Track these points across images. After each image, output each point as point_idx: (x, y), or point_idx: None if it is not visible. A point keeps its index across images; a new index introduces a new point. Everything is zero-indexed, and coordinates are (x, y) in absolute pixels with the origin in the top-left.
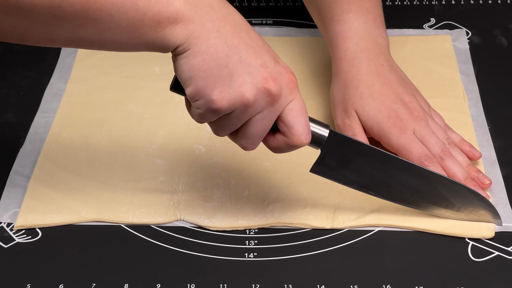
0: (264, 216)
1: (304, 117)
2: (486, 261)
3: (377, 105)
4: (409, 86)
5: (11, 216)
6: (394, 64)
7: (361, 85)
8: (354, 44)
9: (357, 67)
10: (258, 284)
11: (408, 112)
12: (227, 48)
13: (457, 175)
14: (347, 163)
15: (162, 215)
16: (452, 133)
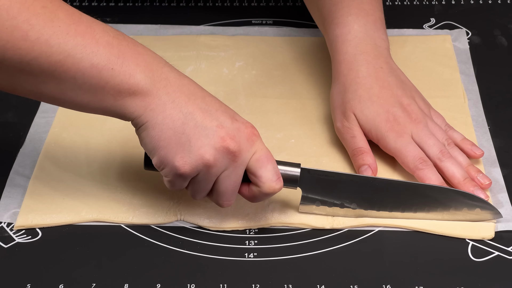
0: (264, 216)
1: (271, 165)
2: (486, 261)
3: (376, 108)
4: (408, 88)
5: (11, 216)
6: (394, 66)
7: (359, 88)
8: (353, 47)
9: (356, 70)
10: (258, 284)
11: (406, 115)
12: (183, 116)
13: (456, 175)
14: (330, 195)
15: (162, 215)
16: (454, 133)
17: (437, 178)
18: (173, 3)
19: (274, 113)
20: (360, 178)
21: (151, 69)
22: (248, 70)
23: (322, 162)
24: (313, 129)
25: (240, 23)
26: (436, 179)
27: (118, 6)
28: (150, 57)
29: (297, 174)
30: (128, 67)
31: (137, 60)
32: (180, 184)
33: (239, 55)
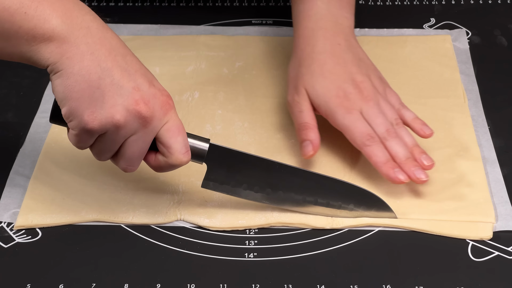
0: (264, 216)
1: (182, 136)
2: (486, 261)
3: (327, 84)
4: (365, 65)
5: (11, 216)
6: (354, 43)
7: (313, 64)
8: (313, 22)
9: (313, 45)
10: (258, 284)
11: (357, 92)
12: (100, 71)
13: (399, 155)
14: (235, 175)
15: (162, 215)
16: (406, 112)
17: (383, 155)
18: (173, 3)
19: (274, 113)
20: (267, 162)
21: (70, 16)
22: (248, 70)
23: (322, 162)
24: None
25: (240, 23)
26: (382, 156)
27: (118, 6)
28: (71, 3)
29: (204, 149)
30: (43, 12)
31: (54, 5)
32: (86, 140)
33: (239, 55)
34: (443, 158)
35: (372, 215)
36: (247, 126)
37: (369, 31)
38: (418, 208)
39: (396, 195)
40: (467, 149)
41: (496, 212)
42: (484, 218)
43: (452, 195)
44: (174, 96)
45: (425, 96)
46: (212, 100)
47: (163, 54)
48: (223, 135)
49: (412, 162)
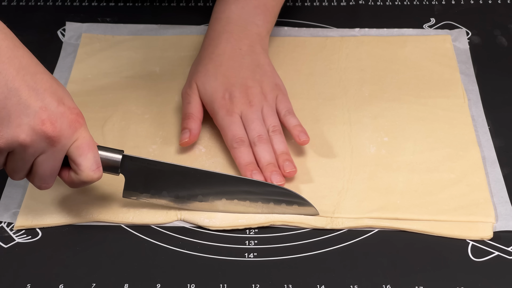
0: (264, 215)
1: (92, 153)
2: (486, 261)
3: (217, 85)
4: (260, 72)
5: (11, 216)
6: (257, 50)
7: (210, 63)
8: (221, 25)
9: (214, 47)
10: (258, 284)
11: (242, 96)
12: (7, 91)
13: (262, 160)
14: (154, 183)
15: (162, 215)
16: (290, 119)
17: (247, 157)
18: (173, 3)
19: None
20: (182, 168)
21: None
22: None
23: (322, 162)
24: (313, 129)
25: None
26: (246, 158)
27: (118, 6)
28: None
29: (118, 160)
30: None
31: None
32: None
33: None
34: (443, 158)
35: (294, 211)
36: None
37: (369, 31)
38: (418, 208)
39: (396, 195)
40: (467, 149)
41: (496, 212)
42: (484, 218)
43: (452, 195)
44: (174, 96)
45: (425, 96)
46: None
47: (163, 54)
48: None
49: (272, 168)
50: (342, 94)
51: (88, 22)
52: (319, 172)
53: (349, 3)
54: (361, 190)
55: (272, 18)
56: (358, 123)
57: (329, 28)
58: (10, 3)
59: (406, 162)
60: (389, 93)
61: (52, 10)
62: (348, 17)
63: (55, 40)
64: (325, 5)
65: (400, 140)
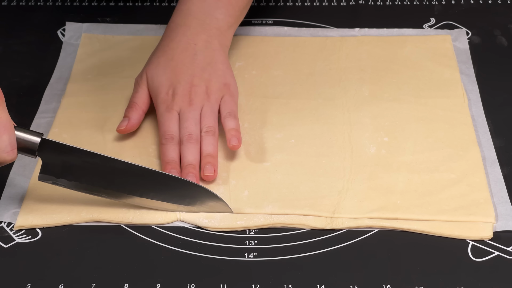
0: (263, 216)
1: (7, 135)
2: (486, 261)
3: (164, 79)
4: (211, 70)
5: (11, 216)
6: (214, 46)
7: (162, 56)
8: (181, 17)
9: (170, 39)
10: (258, 284)
11: (185, 94)
12: None
13: (183, 160)
14: (71, 169)
15: (162, 215)
16: (228, 121)
17: (171, 155)
18: (173, 3)
19: (274, 113)
20: (100, 157)
21: None
22: (248, 70)
23: (322, 162)
24: (313, 129)
25: (240, 23)
26: (169, 156)
27: (118, 6)
28: None
29: (35, 143)
30: None
31: None
32: None
33: (239, 55)
34: (443, 158)
35: (208, 209)
36: (247, 126)
37: (369, 31)
38: (418, 208)
39: (396, 195)
40: (467, 149)
41: (496, 212)
42: (484, 218)
43: (452, 195)
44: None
45: (425, 96)
46: None
47: None
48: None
49: (190, 169)
50: (342, 94)
51: (88, 22)
52: (319, 172)
53: (349, 3)
54: (361, 190)
55: (236, 12)
56: (358, 123)
57: (329, 28)
58: (10, 3)
59: (406, 162)
60: (389, 93)
61: (52, 10)
62: (348, 17)
63: (55, 40)
64: (325, 5)
65: (400, 140)
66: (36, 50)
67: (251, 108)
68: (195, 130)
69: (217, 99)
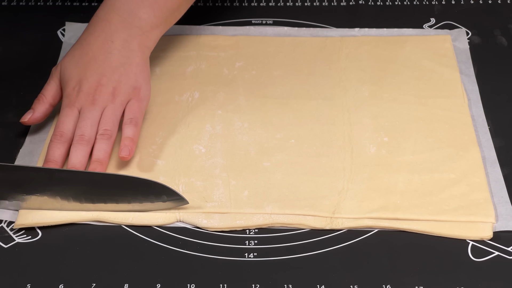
0: (263, 216)
1: None
2: (486, 261)
3: (74, 73)
4: (123, 71)
5: (11, 216)
6: (132, 46)
7: (78, 50)
8: (104, 12)
9: (89, 33)
10: (258, 284)
11: (90, 92)
12: None
13: (69, 161)
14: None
15: (162, 216)
16: (126, 129)
17: (54, 154)
18: None
19: (274, 113)
20: (45, 170)
21: None
22: (248, 70)
23: (322, 162)
24: (313, 129)
25: (240, 23)
26: (52, 154)
27: None
28: None
29: None
30: None
31: None
32: None
33: (239, 55)
34: (443, 158)
35: (166, 206)
36: (247, 126)
37: (369, 31)
38: (418, 209)
39: (396, 195)
40: (467, 149)
41: (496, 212)
42: (484, 218)
43: (452, 195)
44: (174, 96)
45: (425, 96)
46: (212, 100)
47: (163, 54)
48: (223, 135)
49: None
50: (342, 94)
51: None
52: (319, 172)
53: (349, 3)
54: (361, 190)
55: (163, 13)
56: (358, 123)
57: (329, 28)
58: (10, 3)
59: (406, 162)
60: (389, 93)
61: (52, 10)
62: (348, 17)
63: (55, 40)
64: (325, 5)
65: (400, 140)
66: (36, 50)
67: (251, 108)
68: (89, 131)
69: (122, 102)
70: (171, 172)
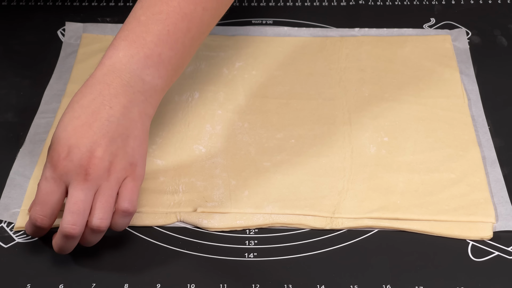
0: (263, 216)
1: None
2: (486, 261)
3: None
4: (120, 144)
5: (11, 216)
6: (132, 115)
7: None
8: (102, 74)
9: (82, 96)
10: (258, 284)
11: (82, 164)
12: None
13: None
14: None
15: (162, 216)
16: (120, 219)
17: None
18: None
19: (274, 113)
20: None
21: None
22: (248, 70)
23: (322, 162)
24: (313, 129)
25: (240, 23)
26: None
27: (118, 6)
28: None
29: None
30: None
31: None
32: None
33: (239, 55)
34: (443, 158)
35: None
36: (247, 126)
37: (369, 31)
38: (418, 209)
39: (396, 195)
40: (467, 149)
41: (496, 212)
42: (484, 218)
43: (452, 195)
44: (174, 96)
45: (425, 96)
46: (212, 100)
47: None
48: (223, 135)
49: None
50: (342, 94)
51: (88, 22)
52: (319, 172)
53: (349, 3)
54: (361, 190)
55: (169, 72)
56: (358, 123)
57: (329, 28)
58: (10, 3)
59: (406, 162)
60: (389, 93)
61: (52, 10)
62: (348, 17)
63: (55, 40)
64: (325, 5)
65: (400, 140)
66: (36, 50)
67: (251, 108)
68: (80, 222)
69: (118, 181)
70: (171, 172)
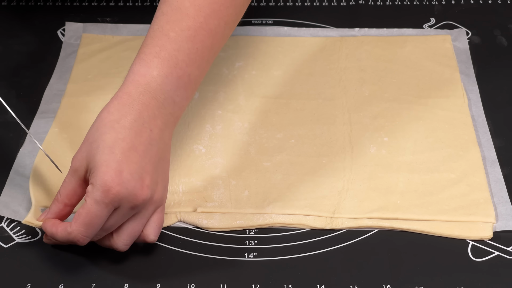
0: (263, 216)
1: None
2: (486, 261)
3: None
4: (160, 171)
5: (10, 215)
6: (166, 138)
7: (109, 133)
8: (137, 92)
9: (122, 115)
10: (258, 284)
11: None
12: None
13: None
14: None
15: None
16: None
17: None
18: None
19: (274, 113)
20: None
21: None
22: (248, 70)
23: (322, 162)
24: (313, 129)
25: (240, 23)
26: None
27: (118, 6)
28: None
29: None
30: None
31: None
32: None
33: (239, 55)
34: (443, 158)
35: None
36: (247, 126)
37: (369, 31)
38: (418, 209)
39: (396, 195)
40: (467, 149)
41: (496, 212)
42: (484, 218)
43: (452, 195)
44: None
45: (425, 96)
46: (212, 100)
47: None
48: (223, 135)
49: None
50: (342, 94)
51: (88, 22)
52: (319, 172)
53: (349, 3)
54: (361, 190)
55: (192, 92)
56: (358, 123)
57: (329, 28)
58: (10, 3)
59: (406, 162)
60: (389, 93)
61: (52, 10)
62: (348, 17)
63: (55, 40)
64: (325, 5)
65: (400, 140)
66: (36, 50)
67: (251, 108)
68: (92, 235)
69: (155, 210)
70: (171, 172)
